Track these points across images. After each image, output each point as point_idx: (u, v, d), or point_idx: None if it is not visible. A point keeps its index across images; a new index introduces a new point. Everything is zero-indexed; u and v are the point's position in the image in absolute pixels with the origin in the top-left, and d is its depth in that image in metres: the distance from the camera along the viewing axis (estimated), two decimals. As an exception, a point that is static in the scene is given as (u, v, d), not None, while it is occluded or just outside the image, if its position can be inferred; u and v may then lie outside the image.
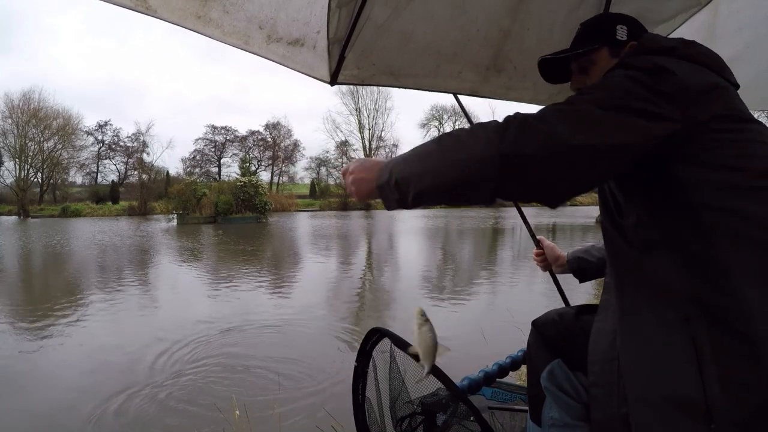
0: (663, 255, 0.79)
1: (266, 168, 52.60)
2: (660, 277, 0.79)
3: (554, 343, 1.22)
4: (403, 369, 1.31)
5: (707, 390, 0.71)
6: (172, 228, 28.29)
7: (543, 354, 1.22)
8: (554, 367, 1.19)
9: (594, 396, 0.95)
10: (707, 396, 0.71)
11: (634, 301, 0.84)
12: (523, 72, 2.06)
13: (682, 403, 0.74)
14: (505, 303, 8.67)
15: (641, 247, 0.82)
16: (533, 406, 1.26)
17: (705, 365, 0.72)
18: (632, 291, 0.85)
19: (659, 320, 0.79)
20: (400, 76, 1.93)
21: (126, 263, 14.39)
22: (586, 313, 1.22)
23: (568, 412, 1.15)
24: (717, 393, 0.71)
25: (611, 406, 0.89)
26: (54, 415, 4.40)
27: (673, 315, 0.77)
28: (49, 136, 44.64)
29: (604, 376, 0.92)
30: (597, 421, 0.94)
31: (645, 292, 0.82)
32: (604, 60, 1.06)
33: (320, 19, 1.58)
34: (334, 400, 4.17)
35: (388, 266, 14.00)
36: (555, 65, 1.19)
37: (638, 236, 0.83)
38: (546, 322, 1.27)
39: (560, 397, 1.16)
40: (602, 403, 0.92)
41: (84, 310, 8.38)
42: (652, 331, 0.79)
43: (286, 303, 8.91)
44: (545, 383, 1.18)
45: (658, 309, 0.79)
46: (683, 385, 0.74)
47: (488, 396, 1.82)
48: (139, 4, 1.19)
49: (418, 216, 36.06)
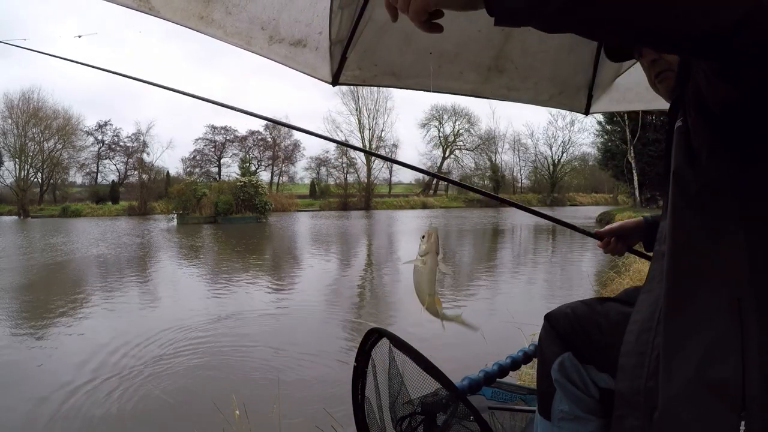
0: (737, 230, 0.74)
1: (266, 168, 52.75)
2: (724, 254, 0.75)
3: (566, 336, 1.22)
4: (402, 369, 1.31)
5: (746, 377, 0.70)
6: (172, 228, 28.28)
7: (554, 347, 1.22)
8: (565, 360, 1.18)
9: (622, 366, 0.91)
10: (745, 383, 0.69)
11: (687, 274, 0.79)
12: (524, 72, 2.06)
13: (718, 386, 0.72)
14: (505, 303, 8.67)
15: (713, 217, 0.76)
16: (542, 401, 1.25)
17: (749, 352, 0.70)
18: (687, 263, 0.79)
19: (711, 298, 0.75)
20: (402, 77, 1.93)
21: (146, 262, 14.40)
22: (599, 306, 1.22)
23: (578, 404, 1.14)
24: (756, 382, 0.69)
25: (639, 378, 0.86)
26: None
27: (727, 295, 0.73)
28: (49, 136, 44.70)
29: (639, 346, 0.88)
30: (621, 392, 0.91)
31: (702, 266, 0.77)
32: None
33: (322, 20, 1.58)
34: (334, 400, 4.17)
35: (388, 266, 14.00)
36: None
37: (713, 203, 0.76)
38: (558, 316, 1.26)
39: (570, 389, 1.16)
40: (630, 374, 0.88)
41: (87, 311, 8.39)
42: (701, 308, 0.76)
43: (289, 297, 8.92)
44: (555, 375, 1.18)
45: (712, 286, 0.76)
46: (723, 367, 0.72)
47: (488, 396, 1.82)
48: (141, 4, 1.20)
49: (418, 216, 36.07)
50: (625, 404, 0.90)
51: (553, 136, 62.56)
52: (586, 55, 2.12)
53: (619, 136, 33.79)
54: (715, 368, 0.73)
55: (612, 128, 34.90)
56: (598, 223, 27.80)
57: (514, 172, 59.17)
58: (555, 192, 57.27)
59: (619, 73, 2.19)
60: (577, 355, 1.19)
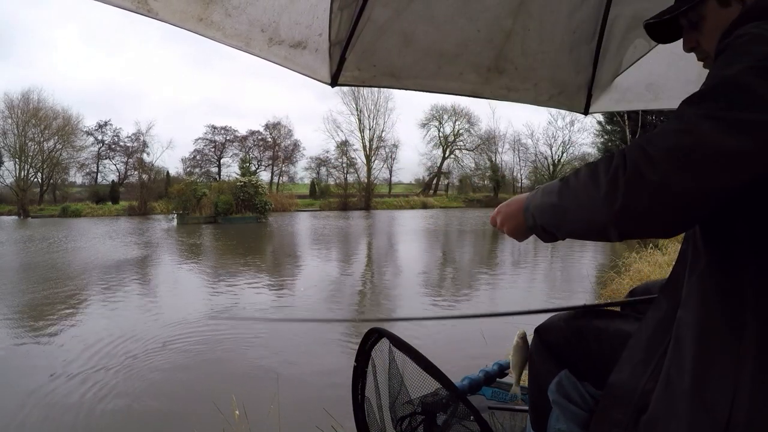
0: (746, 255, 0.75)
1: (266, 168, 52.66)
2: (738, 276, 0.76)
3: (559, 350, 1.16)
4: (402, 369, 1.31)
5: (735, 401, 0.70)
6: (173, 228, 28.27)
7: (548, 365, 1.16)
8: (562, 379, 1.12)
9: (627, 357, 0.91)
10: (733, 407, 0.70)
11: (705, 289, 0.80)
12: (524, 73, 2.07)
13: (709, 404, 0.73)
14: (506, 303, 8.68)
15: (726, 244, 0.78)
16: (536, 415, 1.21)
17: (742, 377, 0.71)
18: (707, 277, 0.80)
19: (720, 317, 0.76)
20: (401, 78, 1.93)
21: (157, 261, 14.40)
22: (596, 316, 1.17)
23: (576, 422, 1.09)
24: (744, 409, 0.70)
25: (642, 375, 0.86)
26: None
27: (734, 318, 0.74)
28: (49, 136, 44.57)
29: (651, 343, 0.88)
30: (614, 383, 0.90)
31: (719, 284, 0.78)
32: (713, 12, 0.93)
33: (322, 21, 1.58)
34: (334, 400, 4.18)
35: (388, 267, 13.99)
36: (663, 24, 1.05)
37: (728, 233, 0.78)
38: (550, 329, 1.20)
39: (569, 408, 1.10)
40: (633, 368, 0.88)
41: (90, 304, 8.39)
42: (710, 324, 0.77)
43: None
44: (554, 396, 1.12)
45: (724, 306, 0.77)
46: (717, 387, 0.73)
47: (488, 396, 1.82)
48: (140, 6, 1.20)
49: (419, 217, 36.04)
50: (616, 396, 0.89)
51: (553, 136, 62.40)
52: (586, 55, 2.12)
53: (619, 136, 33.79)
54: (707, 386, 0.74)
55: (612, 128, 34.91)
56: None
57: (514, 172, 58.98)
58: (555, 192, 57.07)
59: (619, 73, 2.19)
60: (572, 370, 1.13)
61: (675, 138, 0.69)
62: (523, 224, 0.95)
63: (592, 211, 0.76)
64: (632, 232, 0.75)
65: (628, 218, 0.72)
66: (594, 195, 0.75)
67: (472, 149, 56.86)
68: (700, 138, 0.67)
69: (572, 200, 0.81)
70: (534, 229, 0.92)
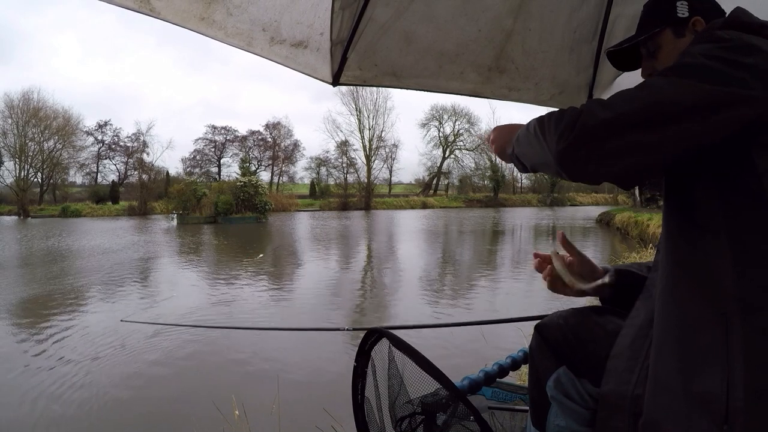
0: (722, 245, 0.77)
1: (266, 168, 52.67)
2: (711, 268, 0.77)
3: (558, 348, 1.17)
4: (402, 369, 1.31)
5: (731, 391, 0.70)
6: (173, 228, 28.27)
7: (547, 362, 1.17)
8: (560, 375, 1.14)
9: (611, 368, 0.92)
10: (729, 397, 0.70)
11: (678, 287, 0.82)
12: (525, 72, 2.07)
13: (703, 399, 0.73)
14: (505, 303, 8.68)
15: (701, 233, 0.80)
16: (535, 411, 1.22)
17: (734, 366, 0.71)
18: (679, 274, 0.82)
19: (699, 311, 0.77)
20: (402, 77, 1.93)
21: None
22: (595, 315, 1.18)
23: (575, 418, 1.11)
24: (740, 397, 0.70)
25: (627, 383, 0.87)
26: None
27: (714, 310, 0.75)
28: (49, 136, 44.61)
29: (632, 351, 0.90)
30: (605, 394, 0.91)
31: (692, 279, 0.80)
32: (669, 42, 1.02)
33: (324, 21, 1.58)
34: (334, 400, 4.17)
35: (388, 267, 13.99)
36: (624, 52, 1.13)
37: (701, 220, 0.80)
38: (550, 326, 1.21)
39: (567, 404, 1.12)
40: (618, 378, 0.89)
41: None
42: (690, 320, 0.78)
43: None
44: (552, 392, 1.14)
45: (700, 299, 0.78)
46: (707, 381, 0.73)
47: (488, 396, 1.82)
48: (142, 5, 1.20)
49: (418, 217, 36.06)
50: (610, 406, 0.91)
51: (554, 136, 62.38)
52: (587, 55, 2.12)
53: (619, 136, 33.71)
54: (699, 381, 0.74)
55: (612, 128, 34.83)
56: (597, 223, 27.81)
57: (514, 172, 58.96)
58: (555, 192, 57.25)
59: (619, 73, 2.19)
60: (570, 367, 1.14)
61: (635, 92, 0.78)
62: (506, 147, 1.03)
63: (546, 152, 0.84)
64: (577, 173, 0.82)
65: (569, 161, 0.81)
66: (551, 138, 0.83)
67: (472, 149, 56.94)
68: (659, 91, 0.77)
69: (537, 141, 0.87)
70: (512, 156, 1.00)
